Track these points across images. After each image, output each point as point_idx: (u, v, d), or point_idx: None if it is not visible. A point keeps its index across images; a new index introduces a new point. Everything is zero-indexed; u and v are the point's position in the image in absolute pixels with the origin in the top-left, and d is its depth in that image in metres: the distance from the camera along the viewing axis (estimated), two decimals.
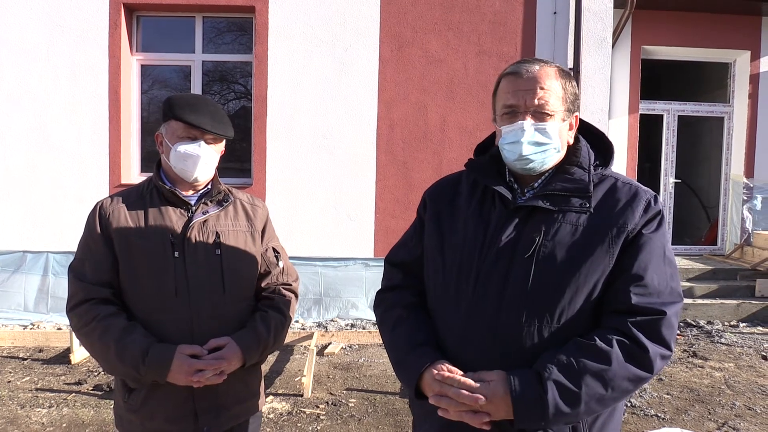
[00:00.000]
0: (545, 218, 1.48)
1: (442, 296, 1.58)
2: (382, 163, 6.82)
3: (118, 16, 6.68)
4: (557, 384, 1.34)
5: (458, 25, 6.78)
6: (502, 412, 1.37)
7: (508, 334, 1.44)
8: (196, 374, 1.80)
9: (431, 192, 1.75)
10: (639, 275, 1.42)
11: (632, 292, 1.41)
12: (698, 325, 6.61)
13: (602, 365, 1.35)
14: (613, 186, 1.54)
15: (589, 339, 1.40)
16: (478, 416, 1.38)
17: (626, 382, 1.37)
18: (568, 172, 1.54)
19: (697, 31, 8.02)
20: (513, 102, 1.51)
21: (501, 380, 1.38)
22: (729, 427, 4.11)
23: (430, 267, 1.63)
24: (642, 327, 1.39)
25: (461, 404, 1.39)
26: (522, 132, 1.49)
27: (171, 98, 1.97)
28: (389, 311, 1.69)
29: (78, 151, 6.73)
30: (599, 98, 6.88)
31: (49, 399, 4.47)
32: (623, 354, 1.37)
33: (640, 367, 1.37)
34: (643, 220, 1.47)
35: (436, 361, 1.48)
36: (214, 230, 1.96)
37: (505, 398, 1.36)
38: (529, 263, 1.44)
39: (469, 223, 1.57)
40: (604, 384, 1.35)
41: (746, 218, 8.38)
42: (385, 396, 4.62)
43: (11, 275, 6.71)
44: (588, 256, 1.43)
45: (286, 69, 6.75)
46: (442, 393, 1.42)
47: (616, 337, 1.38)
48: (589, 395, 1.35)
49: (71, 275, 1.91)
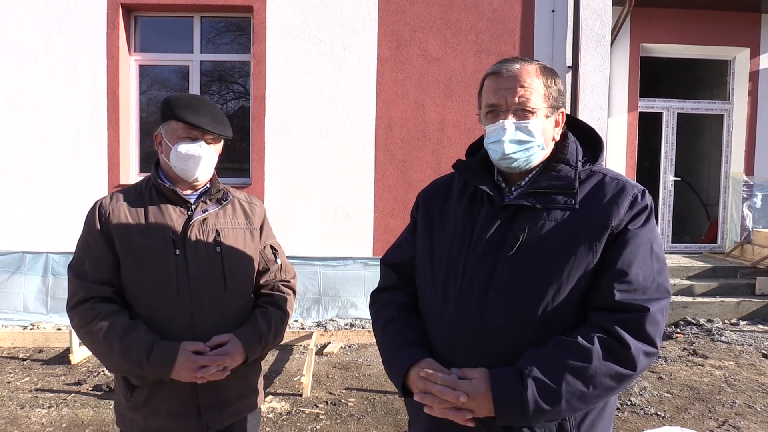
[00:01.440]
0: (530, 216, 1.49)
1: (431, 296, 1.60)
2: (381, 162, 6.81)
3: (116, 16, 6.68)
4: (537, 381, 1.35)
5: (456, 23, 6.77)
6: (485, 410, 1.38)
7: (493, 332, 1.46)
8: (200, 370, 1.81)
9: (424, 194, 1.77)
10: (623, 271, 1.41)
11: (616, 289, 1.40)
12: (698, 323, 6.60)
13: (582, 363, 1.35)
14: (600, 182, 1.53)
15: (571, 336, 1.40)
16: (461, 413, 1.40)
17: (608, 379, 1.36)
18: (555, 169, 1.55)
19: (696, 28, 8.01)
20: (494, 101, 1.52)
21: (483, 378, 1.40)
22: (729, 426, 4.10)
23: (420, 267, 1.66)
24: (625, 324, 1.38)
25: (444, 401, 1.40)
26: (503, 131, 1.50)
27: (170, 98, 1.97)
28: (382, 311, 1.71)
29: (77, 152, 6.73)
30: (598, 96, 6.88)
31: (49, 399, 4.47)
32: (604, 351, 1.36)
33: (622, 365, 1.37)
34: (629, 215, 1.46)
35: (422, 359, 1.51)
36: (213, 228, 1.98)
37: (487, 395, 1.37)
38: (512, 261, 1.46)
39: (458, 223, 1.58)
40: (585, 381, 1.35)
41: (746, 216, 8.37)
42: (385, 395, 4.62)
43: (11, 276, 6.71)
44: (571, 252, 1.43)
45: (284, 68, 6.74)
46: (426, 390, 1.44)
47: (598, 334, 1.38)
48: (569, 393, 1.35)
49: (71, 274, 1.91)
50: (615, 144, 7.96)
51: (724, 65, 8.75)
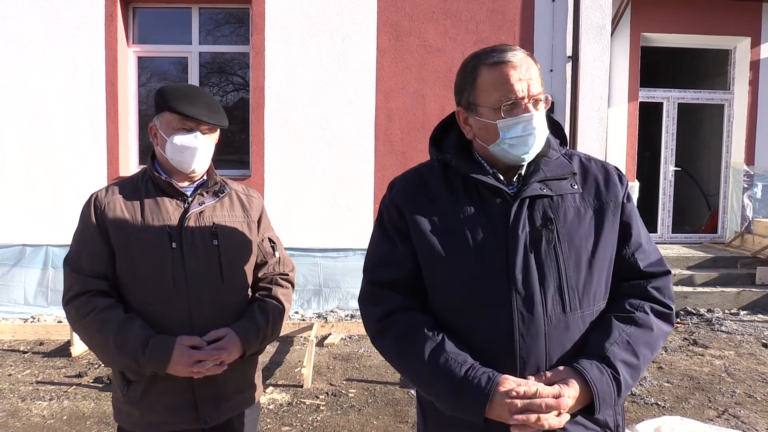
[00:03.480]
0: (548, 205, 1.46)
1: (467, 304, 1.45)
2: (381, 153, 6.80)
3: (114, 7, 6.64)
4: (624, 363, 1.41)
5: (456, 13, 6.74)
6: (578, 405, 1.37)
7: (558, 327, 1.42)
8: (197, 365, 1.80)
9: (402, 199, 1.55)
10: (638, 242, 1.53)
11: (638, 259, 1.52)
12: (698, 313, 6.60)
13: (648, 333, 1.46)
14: (581, 163, 1.58)
15: (624, 312, 1.48)
16: (560, 416, 1.34)
17: (661, 340, 1.50)
18: (547, 155, 1.53)
19: (697, 17, 7.96)
20: (514, 92, 1.42)
21: (574, 375, 1.37)
22: (729, 415, 4.11)
23: (439, 277, 1.50)
24: (659, 289, 1.51)
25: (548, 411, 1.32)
26: (531, 124, 1.43)
27: (164, 90, 1.94)
28: (409, 336, 1.47)
29: (76, 144, 6.71)
30: (598, 86, 6.86)
31: (50, 392, 4.48)
32: (656, 317, 1.49)
33: (669, 324, 1.52)
34: (623, 190, 1.55)
35: (495, 377, 1.37)
36: (210, 221, 1.96)
37: (584, 391, 1.36)
38: (557, 253, 1.44)
39: (469, 223, 1.46)
40: (652, 349, 1.47)
41: (746, 206, 8.36)
42: (385, 386, 4.62)
43: (11, 269, 6.72)
44: (599, 233, 1.49)
45: (283, 59, 6.72)
46: (529, 409, 1.32)
47: (646, 303, 1.49)
48: (645, 364, 1.45)
49: (67, 268, 1.90)
50: (615, 134, 7.94)
51: (724, 55, 8.70)
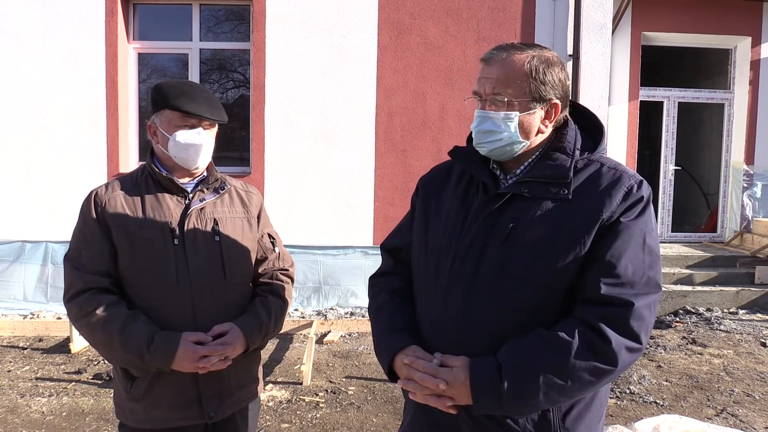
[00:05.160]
0: (522, 205, 1.47)
1: (422, 281, 1.60)
2: (381, 151, 6.80)
3: (114, 4, 6.63)
4: (514, 372, 1.35)
5: (457, 11, 6.73)
6: (464, 398, 1.39)
7: (478, 321, 1.45)
8: (202, 360, 1.80)
9: (424, 180, 1.77)
10: (612, 264, 1.37)
11: (602, 282, 1.36)
12: (697, 312, 6.61)
13: (561, 356, 1.34)
14: (597, 171, 1.49)
15: (553, 329, 1.38)
16: (441, 400, 1.41)
17: (586, 374, 1.34)
18: (551, 158, 1.51)
19: (698, 17, 7.96)
20: (476, 89, 1.53)
21: (463, 366, 1.41)
22: (728, 414, 4.12)
23: (414, 253, 1.67)
24: (608, 318, 1.35)
25: (426, 388, 1.42)
26: (475, 120, 1.53)
27: (161, 87, 1.94)
28: (376, 296, 1.73)
29: (76, 140, 6.71)
30: (599, 85, 6.85)
31: (49, 388, 4.48)
32: (584, 346, 1.34)
33: (601, 360, 1.34)
34: (622, 207, 1.41)
35: (407, 346, 1.52)
36: (211, 217, 1.96)
37: (466, 384, 1.38)
38: (501, 250, 1.44)
39: (451, 212, 1.57)
40: (562, 375, 1.34)
41: (746, 205, 8.36)
42: (385, 384, 4.62)
43: (10, 265, 6.71)
44: (559, 243, 1.40)
45: (283, 57, 6.71)
46: (409, 377, 1.46)
47: (580, 328, 1.36)
48: (547, 385, 1.34)
49: (68, 265, 1.89)
50: (615, 133, 7.93)
51: (725, 54, 8.70)
